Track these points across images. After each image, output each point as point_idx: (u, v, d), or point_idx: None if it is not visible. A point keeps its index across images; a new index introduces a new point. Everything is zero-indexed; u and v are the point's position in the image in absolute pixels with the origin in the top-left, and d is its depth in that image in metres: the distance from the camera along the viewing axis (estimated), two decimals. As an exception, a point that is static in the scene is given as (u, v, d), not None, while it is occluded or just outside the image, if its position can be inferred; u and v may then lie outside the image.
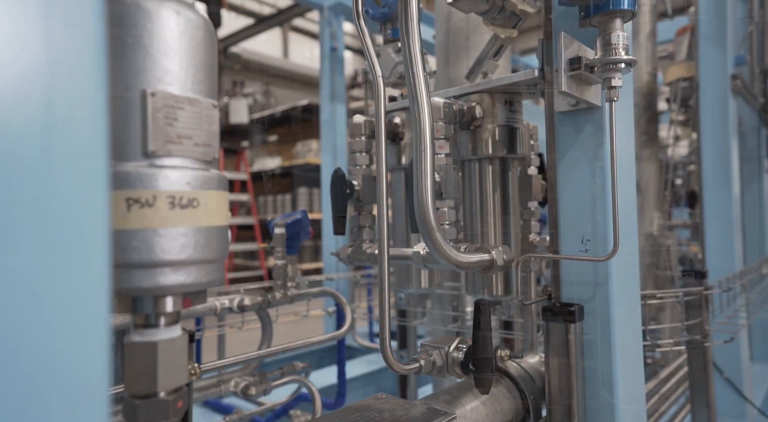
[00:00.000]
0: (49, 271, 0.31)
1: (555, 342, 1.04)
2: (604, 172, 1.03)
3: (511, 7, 1.14)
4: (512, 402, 1.04)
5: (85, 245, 0.33)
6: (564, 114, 1.09)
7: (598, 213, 1.04)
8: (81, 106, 0.34)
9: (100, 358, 0.32)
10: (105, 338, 0.33)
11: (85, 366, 0.32)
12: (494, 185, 1.26)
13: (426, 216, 0.92)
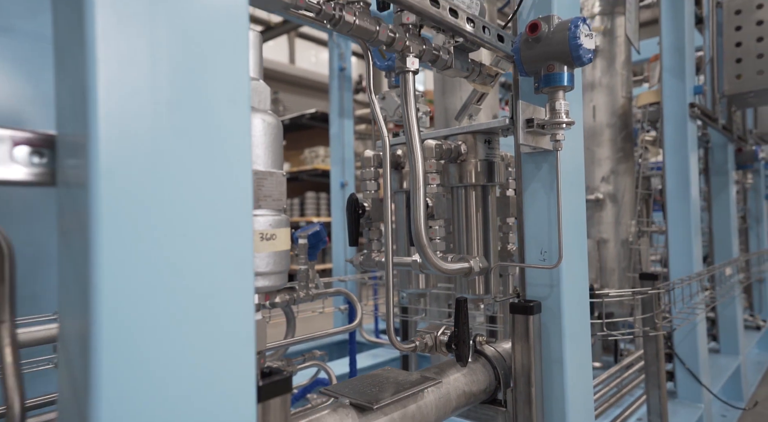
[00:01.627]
0: (223, 277, 0.64)
1: (519, 330, 1.37)
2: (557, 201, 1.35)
3: (486, 71, 1.47)
4: (486, 375, 1.37)
5: (242, 261, 0.66)
6: (527, 154, 1.42)
7: (552, 232, 1.37)
8: (244, 179, 0.66)
9: (249, 321, 0.65)
10: (252, 313, 0.65)
11: (241, 325, 0.65)
12: (477, 207, 1.59)
13: (419, 236, 1.25)
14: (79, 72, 0.51)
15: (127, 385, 0.51)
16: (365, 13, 1.11)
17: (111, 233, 0.51)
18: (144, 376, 0.52)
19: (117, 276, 0.51)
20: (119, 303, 0.51)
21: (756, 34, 2.64)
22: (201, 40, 0.58)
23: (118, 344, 0.51)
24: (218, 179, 0.61)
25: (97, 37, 0.50)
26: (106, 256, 0.51)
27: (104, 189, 0.50)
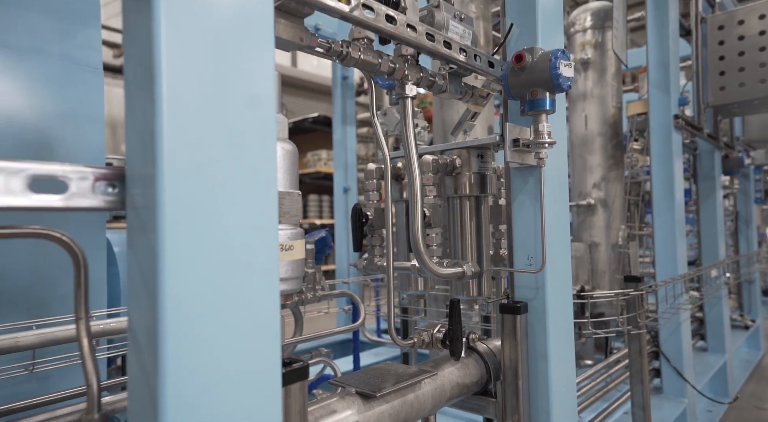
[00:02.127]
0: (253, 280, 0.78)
1: (508, 328, 1.51)
2: (541, 212, 1.49)
3: (478, 93, 1.61)
4: (478, 369, 1.52)
5: (270, 268, 0.80)
6: (515, 169, 1.56)
7: (537, 240, 1.51)
8: (271, 201, 0.80)
9: (276, 318, 0.79)
10: (278, 311, 0.80)
11: (270, 321, 0.79)
12: (470, 216, 1.73)
13: (417, 243, 1.39)
14: (149, 124, 0.66)
15: (188, 370, 0.66)
16: (369, 47, 1.26)
17: (173, 246, 0.65)
18: (200, 362, 0.67)
19: (178, 282, 0.66)
20: (180, 303, 0.66)
21: (737, 49, 2.78)
22: (240, 96, 0.73)
23: (179, 335, 0.65)
24: (253, 201, 0.75)
25: (164, 99, 0.64)
26: (170, 265, 0.65)
27: (168, 212, 0.65)
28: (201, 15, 0.69)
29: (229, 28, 0.72)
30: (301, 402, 0.91)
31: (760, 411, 3.15)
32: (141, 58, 0.67)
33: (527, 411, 1.50)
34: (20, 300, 1.78)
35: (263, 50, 0.77)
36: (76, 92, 1.94)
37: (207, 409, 0.68)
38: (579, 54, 3.20)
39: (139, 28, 0.67)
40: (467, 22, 1.50)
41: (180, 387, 0.65)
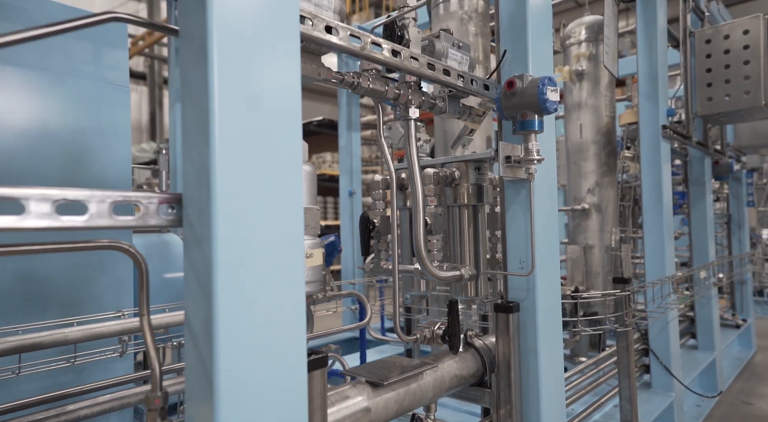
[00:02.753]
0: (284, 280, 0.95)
1: (501, 326, 1.67)
2: (530, 221, 1.66)
3: (475, 112, 1.78)
4: (475, 363, 1.68)
5: (298, 273, 0.97)
6: (509, 181, 1.73)
7: (528, 245, 1.67)
8: (299, 216, 0.97)
9: (302, 314, 0.95)
10: (304, 309, 0.96)
11: (298, 317, 0.96)
12: (468, 223, 1.89)
13: (419, 249, 1.56)
14: (204, 161, 0.82)
15: (236, 354, 0.82)
16: (377, 77, 1.42)
17: (224, 256, 0.82)
18: (244, 348, 0.83)
19: (227, 284, 0.82)
20: (228, 301, 0.82)
21: (724, 62, 2.93)
22: (277, 131, 0.90)
23: (229, 327, 0.82)
24: (283, 218, 0.92)
25: (217, 143, 0.81)
26: (221, 271, 0.82)
27: (220, 229, 0.82)
28: (246, 78, 0.86)
29: (268, 93, 0.89)
30: (321, 386, 1.08)
31: (746, 405, 3.30)
32: (198, 109, 0.84)
33: (519, 401, 1.66)
34: (56, 301, 1.96)
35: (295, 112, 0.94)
36: (106, 109, 2.12)
37: (250, 388, 0.84)
38: (574, 65, 3.35)
39: (197, 85, 0.84)
40: (464, 49, 1.67)
41: (230, 369, 0.82)
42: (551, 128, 1.71)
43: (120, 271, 2.14)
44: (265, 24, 0.90)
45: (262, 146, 0.88)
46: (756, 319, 5.86)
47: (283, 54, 0.93)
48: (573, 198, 3.37)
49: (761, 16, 2.84)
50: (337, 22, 1.17)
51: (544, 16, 1.71)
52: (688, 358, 3.43)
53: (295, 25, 0.97)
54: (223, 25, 0.83)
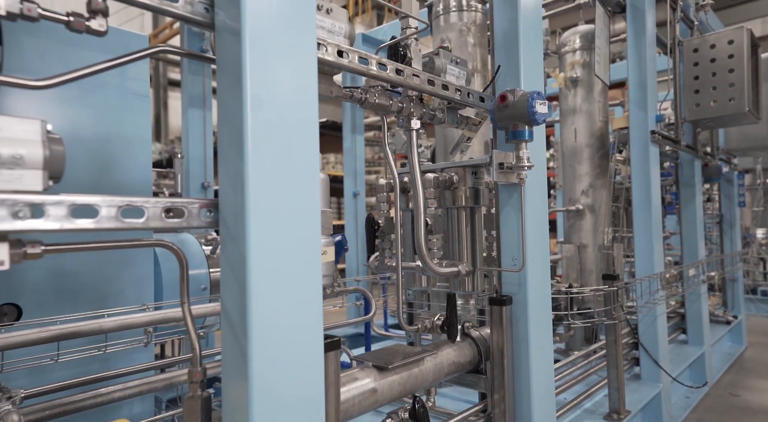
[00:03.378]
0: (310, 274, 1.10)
1: (495, 317, 1.83)
2: (521, 221, 1.81)
3: (471, 121, 1.93)
4: (471, 351, 1.84)
5: (316, 268, 1.13)
6: (502, 185, 1.88)
7: (520, 244, 1.82)
8: (316, 219, 1.13)
9: (320, 303, 1.11)
10: (320, 299, 1.12)
11: (317, 306, 1.12)
12: (466, 223, 2.05)
13: (420, 248, 1.72)
14: (239, 173, 0.98)
15: (267, 336, 0.98)
16: (382, 92, 1.58)
17: (256, 253, 0.98)
18: (274, 331, 0.99)
19: (259, 276, 0.98)
20: (260, 291, 0.98)
21: (710, 70, 3.07)
22: (298, 146, 1.06)
23: (261, 313, 0.98)
24: (304, 221, 1.08)
25: (249, 158, 0.97)
26: (253, 265, 0.98)
27: (252, 230, 0.97)
28: (273, 102, 1.02)
29: (291, 114, 1.05)
30: (335, 365, 1.23)
31: (733, 397, 3.45)
32: (233, 128, 1.00)
33: (511, 386, 1.82)
34: (84, 295, 2.12)
35: (313, 129, 1.10)
36: (129, 117, 2.28)
37: (278, 365, 1.00)
38: (569, 72, 3.50)
39: (232, 108, 0.99)
40: (462, 65, 1.83)
41: (261, 349, 0.98)
42: (541, 137, 1.86)
43: (141, 269, 2.30)
44: (288, 57, 1.06)
45: (286, 159, 1.04)
46: (750, 317, 6.01)
47: (304, 81, 1.09)
48: (568, 199, 3.52)
49: (744, 28, 2.98)
50: (347, 47, 1.33)
51: (534, 34, 1.86)
52: (678, 352, 3.58)
53: (313, 54, 1.13)
54: (255, 59, 0.99)
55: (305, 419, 1.06)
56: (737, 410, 3.23)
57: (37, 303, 1.96)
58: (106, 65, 0.97)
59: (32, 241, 0.85)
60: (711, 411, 3.22)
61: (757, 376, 3.91)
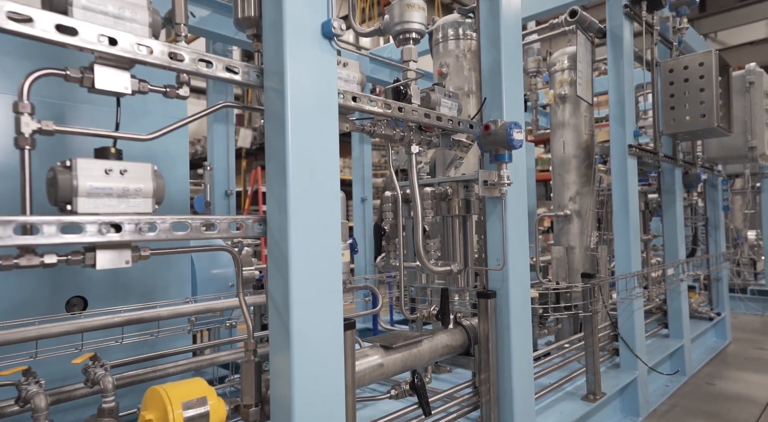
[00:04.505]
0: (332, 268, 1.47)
1: (482, 308, 2.19)
2: (503, 229, 2.16)
3: (463, 144, 2.29)
4: (462, 337, 2.20)
5: (338, 267, 1.49)
6: (488, 198, 2.24)
7: (501, 247, 2.18)
8: (338, 229, 1.50)
9: (340, 293, 1.48)
10: (341, 290, 1.49)
11: (338, 294, 1.48)
12: (458, 229, 2.41)
13: (419, 250, 2.08)
14: (282, 194, 1.35)
15: (303, 316, 1.35)
16: (387, 124, 1.94)
17: (295, 254, 1.35)
18: (308, 312, 1.36)
19: (297, 272, 1.35)
20: (299, 282, 1.35)
21: (684, 89, 3.40)
22: (325, 173, 1.43)
23: (299, 300, 1.35)
24: (330, 230, 1.45)
25: (290, 182, 1.34)
26: (293, 263, 1.35)
27: (292, 237, 1.34)
28: (307, 141, 1.38)
29: (319, 149, 1.42)
30: (351, 342, 1.60)
31: (709, 386, 3.77)
32: (278, 163, 1.37)
33: (495, 366, 2.18)
34: (135, 289, 2.50)
35: (336, 159, 1.47)
36: (171, 138, 2.66)
37: (311, 339, 1.37)
38: (558, 90, 3.85)
39: (278, 148, 1.36)
40: (454, 98, 2.19)
41: (300, 327, 1.34)
42: (521, 159, 2.22)
43: (181, 267, 2.68)
44: (317, 107, 1.43)
45: (316, 185, 1.41)
46: (739, 315, 6.32)
47: (328, 123, 1.46)
48: (557, 205, 3.87)
49: (713, 51, 3.32)
50: (359, 93, 1.70)
51: (515, 72, 2.22)
52: (659, 345, 3.92)
53: (335, 102, 1.49)
54: (294, 111, 1.36)
55: (330, 382, 1.43)
56: (710, 397, 3.56)
57: (98, 296, 2.34)
58: (191, 119, 1.34)
59: (143, 247, 1.23)
60: (686, 397, 3.56)
61: (735, 368, 4.23)
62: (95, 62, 1.15)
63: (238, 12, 1.52)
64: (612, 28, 3.29)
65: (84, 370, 1.64)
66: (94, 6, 1.13)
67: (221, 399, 1.38)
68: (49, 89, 2.15)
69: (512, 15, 2.22)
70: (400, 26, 1.96)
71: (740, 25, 17.68)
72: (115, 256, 1.17)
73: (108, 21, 1.15)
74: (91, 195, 1.11)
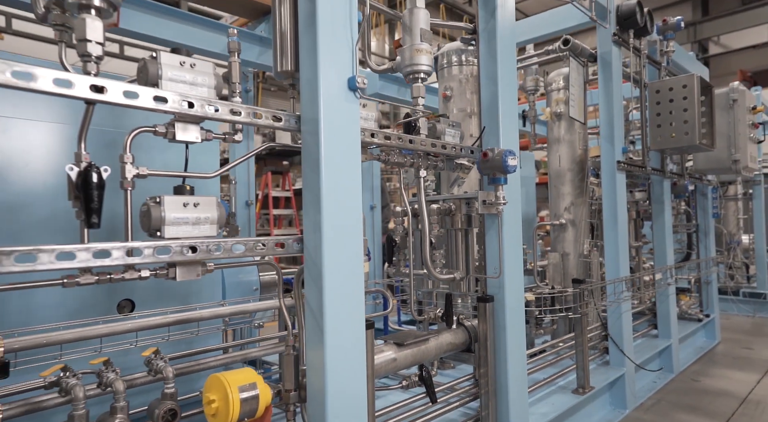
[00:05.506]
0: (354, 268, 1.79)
1: (481, 311, 2.50)
2: (499, 241, 2.48)
3: (465, 167, 2.61)
4: (464, 335, 2.52)
5: (359, 273, 1.82)
6: (487, 215, 2.55)
7: (498, 258, 2.49)
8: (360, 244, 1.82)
9: (362, 295, 1.80)
10: (362, 291, 1.81)
11: (361, 296, 1.80)
12: (461, 241, 2.73)
13: (426, 260, 2.40)
14: (317, 217, 1.67)
15: (335, 315, 1.67)
16: (399, 153, 2.26)
17: (328, 267, 1.67)
18: (338, 312, 1.68)
19: (329, 280, 1.67)
20: (330, 288, 1.67)
21: (669, 109, 3.70)
22: (350, 199, 1.75)
23: (331, 302, 1.67)
24: (355, 245, 1.77)
25: (324, 209, 1.66)
26: (326, 275, 1.67)
27: (326, 254, 1.67)
28: (337, 173, 1.71)
29: (345, 179, 1.74)
30: (371, 340, 1.92)
31: (694, 382, 4.06)
32: (313, 194, 1.69)
33: (493, 361, 2.49)
34: (175, 294, 2.83)
35: (358, 187, 1.79)
36: (204, 157, 2.98)
37: (340, 336, 1.69)
38: (554, 108, 4.15)
39: (314, 182, 1.68)
40: (457, 127, 2.50)
41: (332, 326, 1.66)
42: (515, 180, 2.53)
43: (214, 274, 3.00)
44: (343, 145, 1.74)
45: (344, 209, 1.73)
46: (731, 316, 6.60)
47: (353, 157, 1.78)
48: (553, 214, 4.18)
49: (695, 75, 3.61)
50: (376, 129, 2.02)
51: (510, 105, 2.53)
52: (648, 344, 4.21)
53: (358, 140, 1.81)
54: (327, 151, 1.68)
55: (356, 373, 1.74)
56: (694, 392, 3.86)
57: (143, 299, 2.68)
58: (243, 159, 1.66)
59: (209, 262, 1.55)
60: (672, 393, 3.85)
61: (721, 366, 4.53)
62: (176, 120, 1.48)
63: (277, 66, 1.85)
64: (602, 54, 3.60)
65: (147, 362, 1.98)
66: (176, 77, 1.45)
67: (267, 385, 1.70)
68: (102, 118, 2.47)
69: (507, 55, 2.53)
70: (410, 68, 2.27)
71: (743, 29, 17.91)
72: (189, 270, 1.50)
73: (185, 88, 1.48)
74: (174, 223, 1.43)
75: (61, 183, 2.27)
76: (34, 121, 2.33)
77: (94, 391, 1.83)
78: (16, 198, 2.26)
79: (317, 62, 1.68)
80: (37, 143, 2.31)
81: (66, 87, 1.22)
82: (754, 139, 4.62)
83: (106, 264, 1.30)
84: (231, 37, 1.69)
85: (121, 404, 1.73)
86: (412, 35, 2.23)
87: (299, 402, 1.79)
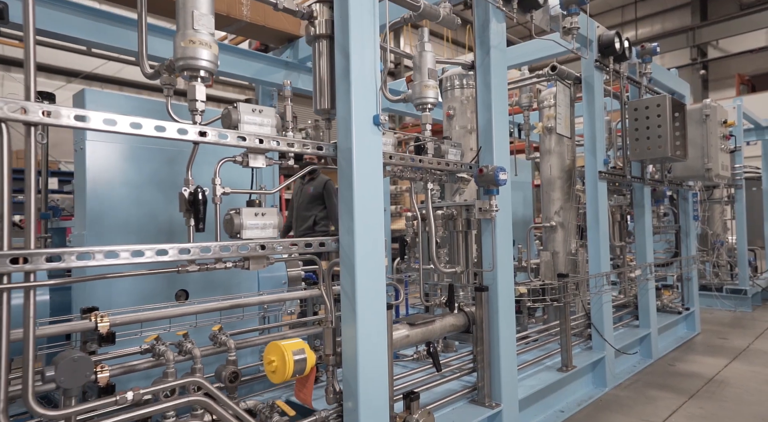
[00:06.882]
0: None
1: (478, 299, 3.02)
2: (493, 242, 2.99)
3: (464, 179, 3.13)
4: (464, 319, 3.04)
5: (381, 267, 2.34)
6: (482, 220, 3.07)
7: (491, 255, 3.01)
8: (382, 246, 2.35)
9: (383, 282, 2.32)
10: (384, 280, 2.33)
11: (383, 283, 2.33)
12: (462, 241, 3.25)
13: (432, 256, 2.92)
14: (350, 216, 2.20)
15: (364, 300, 2.20)
16: (411, 169, 2.79)
17: (359, 262, 2.19)
18: (367, 298, 2.21)
19: (360, 272, 2.20)
20: (362, 279, 2.19)
21: (645, 125, 4.20)
22: (375, 209, 2.28)
23: (362, 289, 2.19)
24: (378, 245, 2.29)
25: (356, 216, 2.19)
26: (358, 267, 2.19)
27: (358, 250, 2.19)
28: (367, 191, 2.23)
29: (373, 194, 2.27)
30: (390, 319, 2.44)
31: (670, 366, 4.57)
32: (347, 204, 2.21)
33: (488, 340, 3.01)
34: (218, 285, 3.36)
35: (381, 199, 2.31)
36: (236, 169, 3.51)
37: (367, 315, 2.21)
38: (546, 123, 4.67)
39: (348, 196, 2.21)
40: (458, 146, 3.03)
41: (361, 307, 2.19)
42: (506, 191, 3.05)
43: (250, 272, 3.54)
44: (371, 168, 2.26)
45: (371, 216, 2.25)
46: (714, 310, 7.09)
47: (376, 176, 2.29)
48: (545, 217, 4.69)
49: (667, 96, 4.12)
50: (393, 152, 2.54)
51: (502, 128, 3.05)
52: (629, 333, 4.72)
53: (381, 162, 2.33)
54: (358, 172, 2.20)
55: (379, 345, 2.26)
56: (668, 374, 4.37)
57: (195, 290, 3.21)
58: (296, 176, 2.19)
59: (272, 257, 2.08)
60: (648, 374, 4.36)
61: (697, 353, 5.03)
62: (249, 151, 2.01)
63: (317, 104, 2.38)
64: (585, 78, 4.11)
65: (212, 337, 2.51)
66: (249, 120, 1.98)
67: (312, 351, 2.23)
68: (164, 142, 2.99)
69: (500, 87, 3.05)
70: (419, 100, 2.79)
71: (741, 34, 18.33)
72: (258, 263, 2.02)
73: (256, 128, 2.01)
74: (249, 228, 1.96)
75: (131, 194, 2.80)
76: (107, 142, 2.85)
77: (177, 358, 2.36)
78: (100, 206, 2.80)
79: (350, 105, 2.20)
80: (113, 161, 2.84)
81: (183, 134, 1.76)
82: (725, 149, 5.12)
83: (206, 256, 1.84)
84: (285, 86, 2.22)
85: (198, 366, 2.25)
86: (422, 74, 2.76)
87: (336, 366, 2.32)
